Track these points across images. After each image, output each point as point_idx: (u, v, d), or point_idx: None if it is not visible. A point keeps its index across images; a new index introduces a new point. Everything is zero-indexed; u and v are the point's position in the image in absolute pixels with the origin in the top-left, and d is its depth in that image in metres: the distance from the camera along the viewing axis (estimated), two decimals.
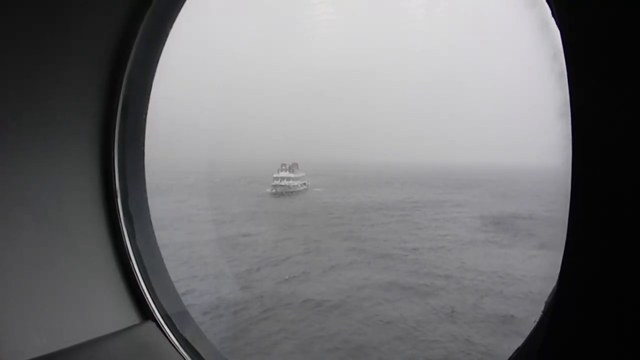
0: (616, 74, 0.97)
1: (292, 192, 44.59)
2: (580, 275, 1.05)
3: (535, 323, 1.27)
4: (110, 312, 2.23)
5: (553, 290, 1.17)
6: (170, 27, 2.33)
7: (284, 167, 45.75)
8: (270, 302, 18.34)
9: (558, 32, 1.05)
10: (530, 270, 21.51)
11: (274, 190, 44.20)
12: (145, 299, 2.32)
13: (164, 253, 2.55)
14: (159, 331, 2.29)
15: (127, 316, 2.27)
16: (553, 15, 1.08)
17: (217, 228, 30.17)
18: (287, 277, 21.23)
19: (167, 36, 2.35)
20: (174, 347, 2.25)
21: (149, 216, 2.53)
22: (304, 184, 47.23)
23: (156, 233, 2.53)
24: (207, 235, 28.03)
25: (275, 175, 45.00)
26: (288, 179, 44.81)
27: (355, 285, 20.19)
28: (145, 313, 2.32)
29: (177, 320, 2.35)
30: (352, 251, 25.61)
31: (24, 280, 1.94)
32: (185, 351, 2.26)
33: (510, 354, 1.37)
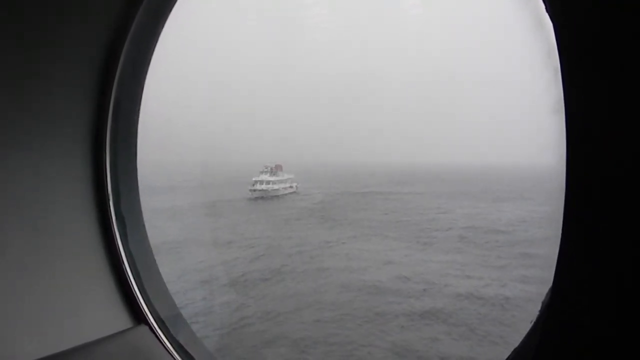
0: (610, 70, 0.96)
1: (273, 197, 41.75)
2: (576, 277, 1.04)
3: (531, 325, 1.25)
4: (103, 316, 2.21)
5: (548, 292, 1.16)
6: (162, 27, 2.32)
7: (265, 170, 42.98)
8: None
9: (552, 28, 1.05)
10: None
11: (251, 195, 41.25)
12: (138, 303, 2.29)
13: None
14: (152, 335, 2.26)
15: (120, 320, 2.25)
16: (547, 12, 1.08)
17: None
18: None
19: (158, 36, 2.34)
20: (167, 351, 2.23)
21: (142, 218, 2.50)
22: (291, 187, 44.56)
23: None
24: None
25: (254, 179, 42.30)
26: (268, 182, 42.15)
27: None
28: (138, 317, 2.29)
29: (171, 323, 2.33)
30: None
31: (13, 285, 1.91)
32: (178, 355, 2.23)
33: (506, 356, 1.36)
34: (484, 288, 19.12)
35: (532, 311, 1.21)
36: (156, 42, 2.34)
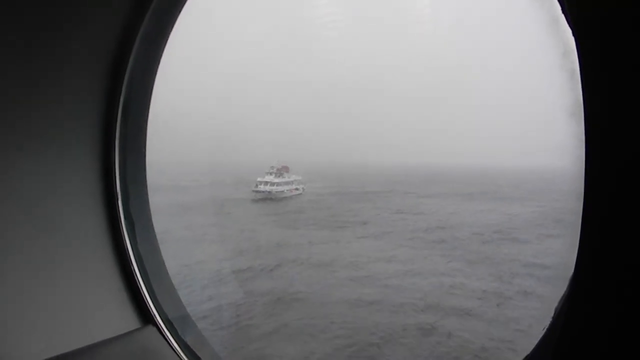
0: (629, 71, 0.94)
1: (277, 199, 40.81)
2: (594, 280, 1.02)
3: (545, 329, 1.24)
4: (111, 316, 2.21)
5: (563, 295, 1.14)
6: (172, 27, 2.32)
7: (271, 171, 41.83)
8: None
9: (568, 29, 1.02)
10: None
11: (255, 197, 40.35)
12: (146, 303, 2.29)
13: None
14: (160, 336, 2.26)
15: (128, 320, 2.25)
16: (564, 13, 1.05)
17: None
18: None
19: (168, 37, 2.34)
20: (175, 351, 2.23)
21: (151, 219, 2.50)
22: (297, 188, 43.56)
23: None
24: None
25: (258, 180, 41.19)
26: (272, 183, 41.13)
27: None
28: (146, 317, 2.29)
29: (178, 324, 2.32)
30: None
31: (23, 285, 1.92)
32: (186, 356, 2.23)
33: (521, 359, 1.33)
34: None
35: None
36: (166, 42, 2.34)
